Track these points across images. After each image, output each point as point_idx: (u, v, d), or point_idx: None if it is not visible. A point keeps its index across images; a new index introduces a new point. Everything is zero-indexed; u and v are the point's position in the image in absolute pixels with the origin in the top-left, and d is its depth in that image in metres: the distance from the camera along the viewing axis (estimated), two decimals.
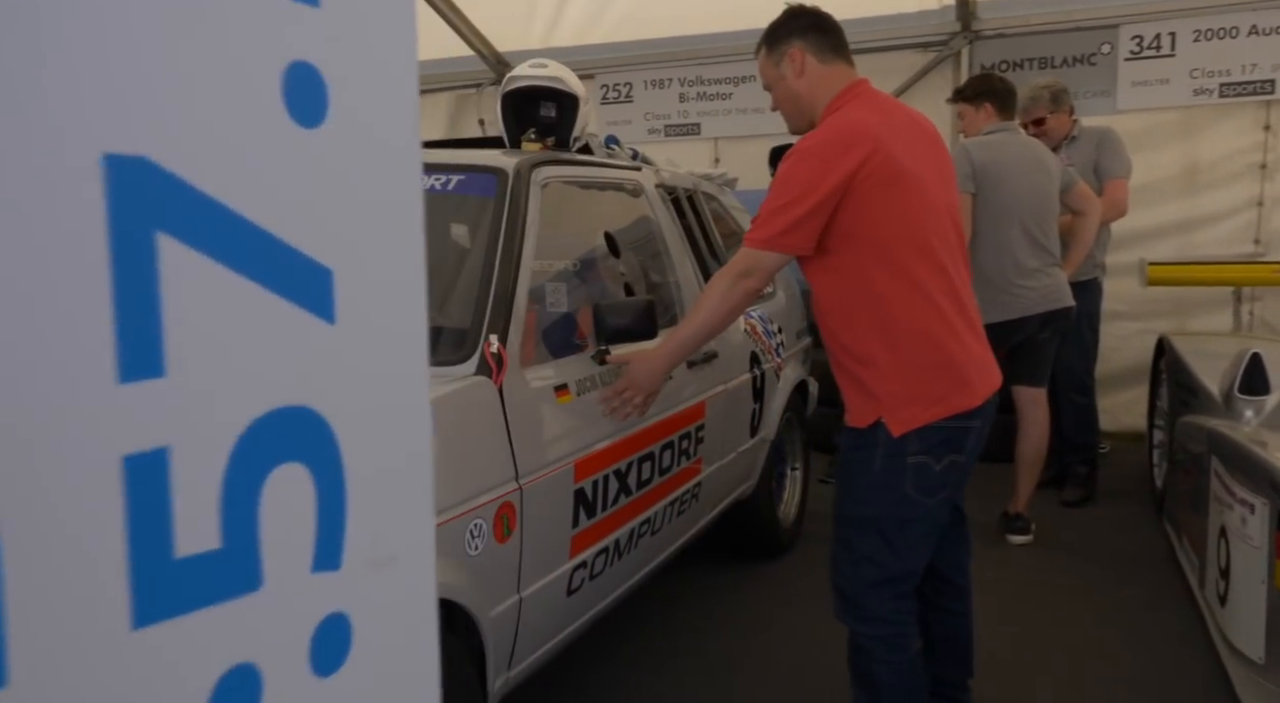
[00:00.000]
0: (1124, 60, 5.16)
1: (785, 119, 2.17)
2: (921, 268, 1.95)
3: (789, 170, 1.96)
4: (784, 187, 1.96)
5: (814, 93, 2.08)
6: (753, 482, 3.40)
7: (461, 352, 1.89)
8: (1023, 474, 3.77)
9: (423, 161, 2.01)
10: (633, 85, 6.46)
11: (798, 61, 2.07)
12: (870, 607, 2.03)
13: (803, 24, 2.10)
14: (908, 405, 1.94)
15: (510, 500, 1.84)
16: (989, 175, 3.53)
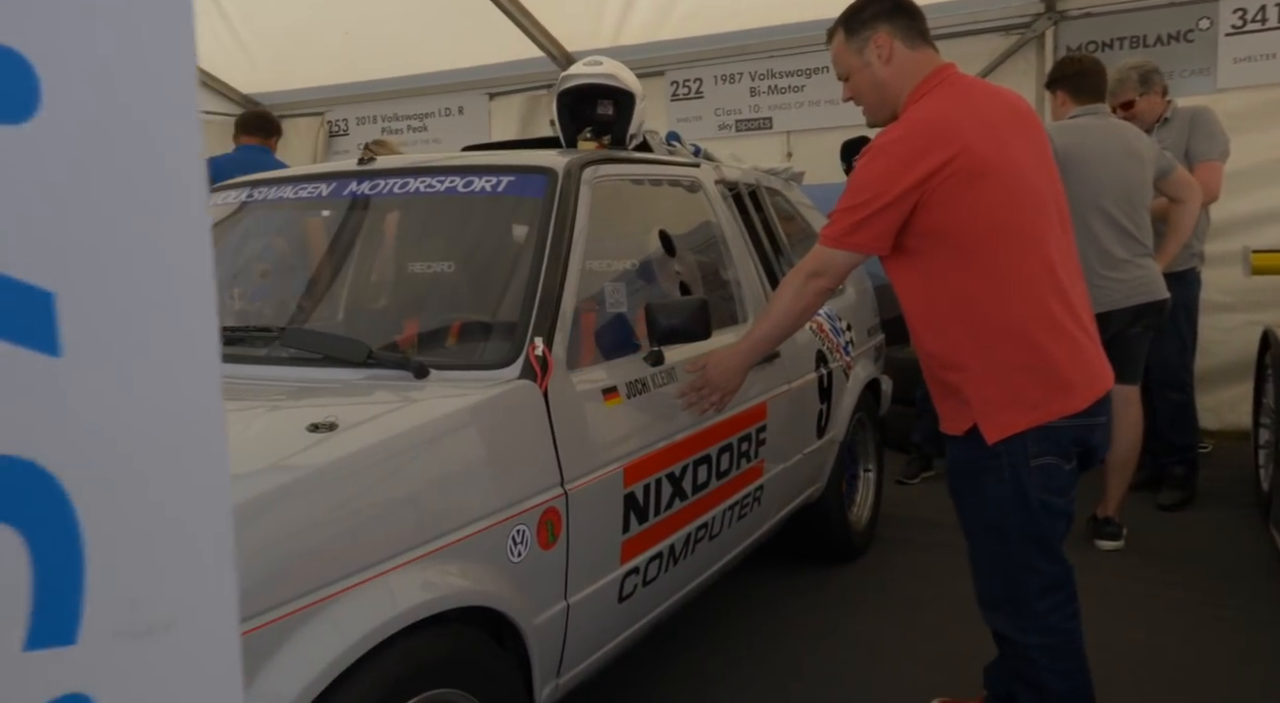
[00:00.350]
0: (1225, 35, 4.85)
1: (865, 111, 2.07)
2: (1021, 264, 1.86)
3: (865, 168, 1.91)
4: (859, 185, 1.91)
5: (900, 81, 1.98)
6: (821, 484, 3.30)
7: (506, 355, 1.87)
8: (1113, 476, 3.57)
9: (473, 164, 1.99)
10: (703, 81, 6.39)
11: (885, 48, 1.97)
12: (1036, 617, 1.97)
13: (887, 7, 1.99)
14: (1004, 410, 1.87)
15: (555, 506, 1.81)
16: (1071, 161, 3.34)
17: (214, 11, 6.60)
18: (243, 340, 2.02)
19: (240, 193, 2.57)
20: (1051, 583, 1.97)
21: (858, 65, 2.00)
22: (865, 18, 1.99)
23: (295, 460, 1.43)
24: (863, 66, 1.99)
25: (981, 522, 2.00)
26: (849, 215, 1.92)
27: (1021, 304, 1.86)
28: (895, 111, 2.00)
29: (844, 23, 2.03)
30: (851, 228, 1.91)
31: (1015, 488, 1.91)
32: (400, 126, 7.48)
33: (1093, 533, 3.62)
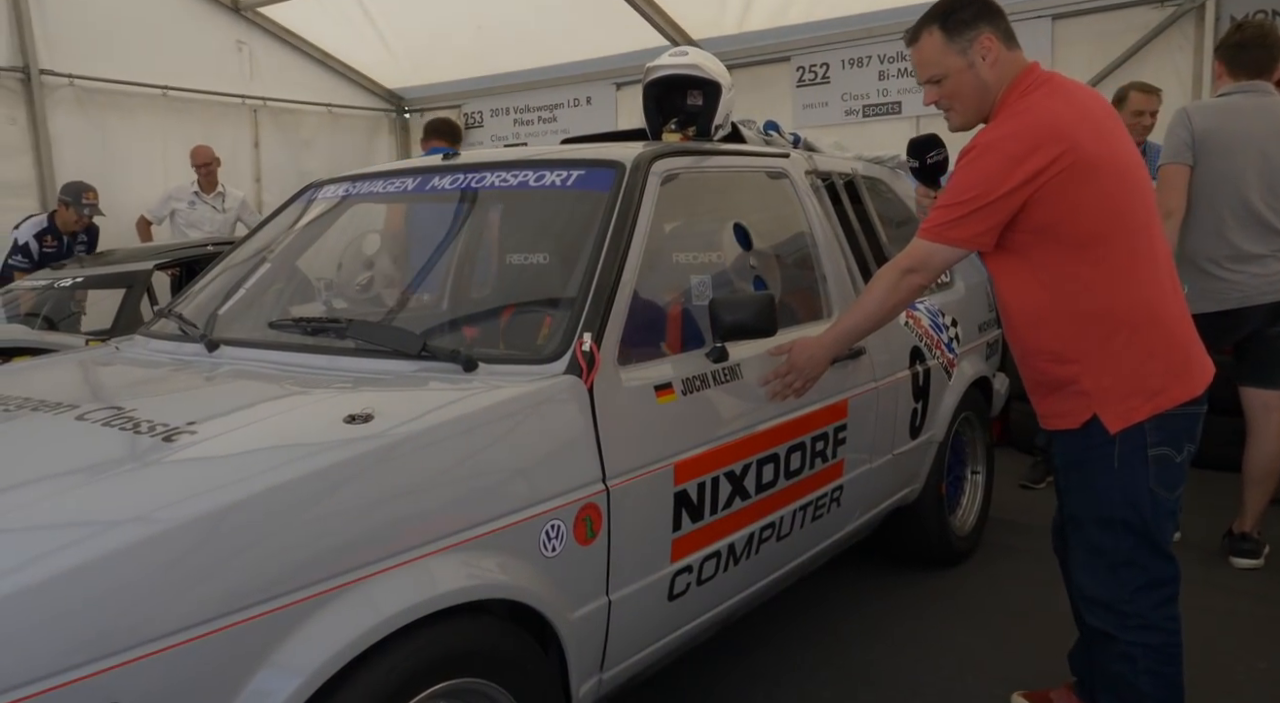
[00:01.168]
0: None
1: (956, 114, 2.02)
2: (1137, 252, 1.89)
3: (972, 164, 1.89)
4: (966, 181, 1.89)
5: (999, 83, 1.95)
6: (918, 486, 3.17)
7: (554, 350, 1.89)
8: (1251, 489, 3.27)
9: (547, 158, 2.03)
10: (829, 65, 6.23)
11: (991, 49, 1.94)
12: (1139, 614, 1.94)
13: (985, 7, 1.96)
14: (1125, 399, 1.88)
15: (595, 502, 1.81)
16: (1209, 145, 3.06)
17: (361, 15, 6.95)
18: (321, 331, 2.13)
19: (338, 188, 2.70)
20: (1157, 579, 1.95)
21: (960, 67, 1.95)
22: (966, 18, 1.94)
23: (324, 450, 1.50)
24: (965, 68, 1.94)
25: (1091, 513, 1.97)
26: (952, 210, 1.91)
27: (1138, 291, 1.88)
28: (985, 114, 1.98)
29: (940, 22, 1.96)
30: (954, 223, 1.90)
31: (1129, 479, 1.90)
32: (531, 117, 7.67)
33: (1228, 550, 3.33)
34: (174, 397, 1.97)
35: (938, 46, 1.96)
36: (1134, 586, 1.94)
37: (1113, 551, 1.95)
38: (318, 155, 7.62)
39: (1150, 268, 1.90)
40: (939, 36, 1.95)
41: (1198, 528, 3.55)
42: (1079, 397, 1.91)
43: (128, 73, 6.31)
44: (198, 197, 6.05)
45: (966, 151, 1.92)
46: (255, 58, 7.14)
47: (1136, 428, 1.88)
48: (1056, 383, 1.95)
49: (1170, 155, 3.14)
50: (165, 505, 1.34)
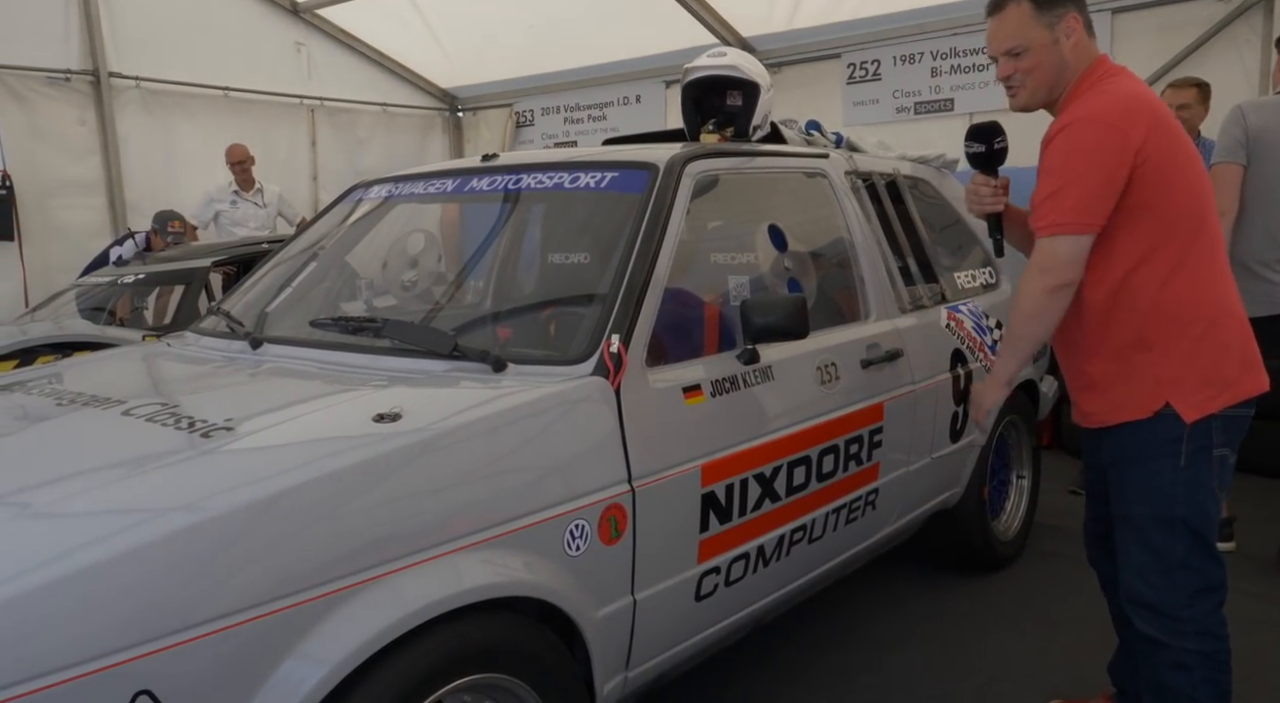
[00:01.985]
0: None
1: (1027, 91, 1.96)
2: (1216, 243, 1.91)
3: (1072, 142, 1.83)
4: (1070, 160, 1.84)
5: (1076, 66, 1.94)
6: (959, 490, 3.14)
7: (582, 351, 1.91)
8: None
9: (582, 160, 2.06)
10: (880, 62, 6.16)
11: (1076, 30, 1.92)
12: (1195, 620, 1.90)
13: None
14: (1200, 388, 1.85)
15: (620, 502, 1.83)
16: (1263, 143, 2.97)
17: (415, 15, 7.06)
18: (359, 330, 2.18)
19: (382, 189, 2.76)
20: (1211, 584, 1.92)
21: (1045, 42, 1.91)
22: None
23: (351, 448, 1.54)
24: (1050, 44, 1.91)
25: (1151, 512, 1.91)
26: (1070, 191, 1.83)
27: (1217, 282, 1.89)
28: (1053, 98, 1.96)
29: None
30: (1080, 205, 1.82)
31: (1194, 476, 1.87)
32: (581, 116, 7.71)
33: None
34: (216, 394, 2.04)
35: (1026, 18, 1.91)
36: (1191, 590, 1.89)
37: (1169, 552, 1.90)
38: (373, 154, 7.76)
39: (1223, 261, 1.93)
40: (1028, 8, 1.90)
41: (1256, 538, 3.45)
42: (1152, 385, 1.87)
43: (191, 74, 6.51)
44: (238, 195, 6.20)
45: (1058, 132, 1.86)
46: (313, 58, 7.30)
47: (1204, 424, 1.85)
48: (1126, 373, 1.91)
49: (1223, 154, 3.07)
50: (195, 501, 1.39)
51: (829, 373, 2.43)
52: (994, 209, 2.12)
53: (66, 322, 4.16)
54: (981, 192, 2.11)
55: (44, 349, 3.80)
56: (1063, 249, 1.86)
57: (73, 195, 6.10)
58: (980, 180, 2.11)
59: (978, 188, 2.12)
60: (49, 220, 5.99)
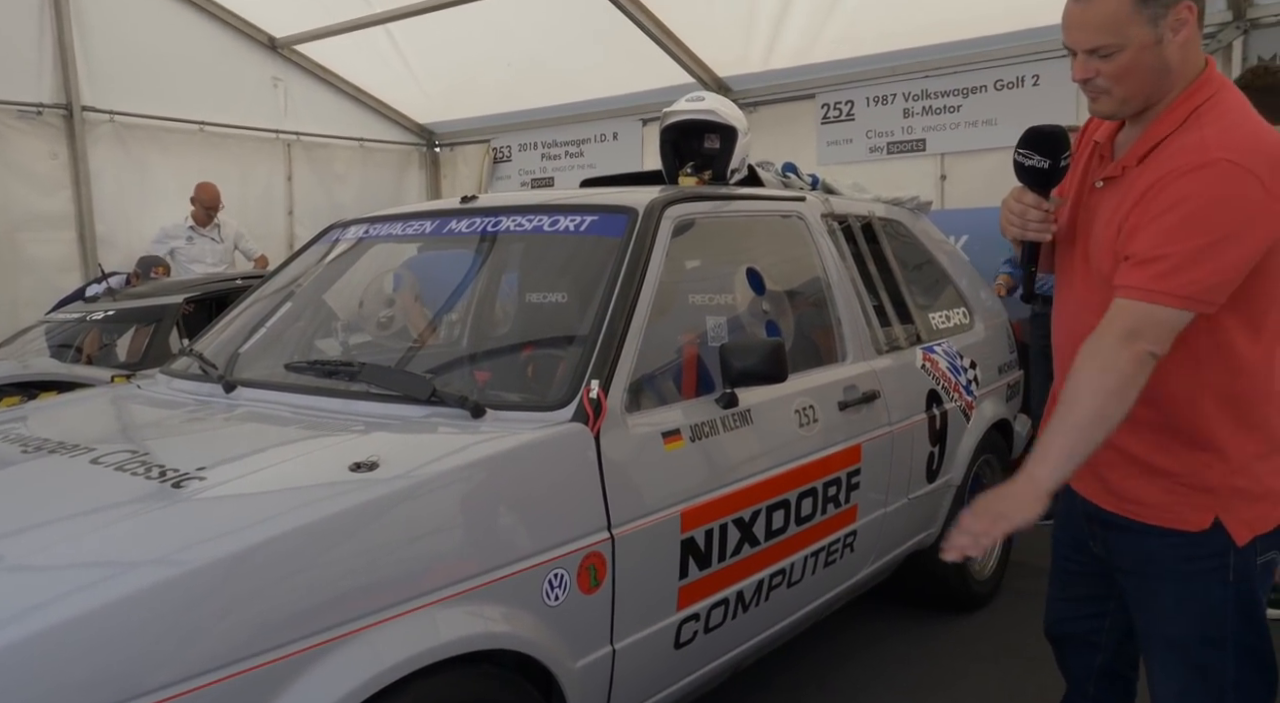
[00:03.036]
0: None
1: (1116, 99, 1.53)
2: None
3: (1223, 192, 1.41)
4: (1213, 213, 1.42)
5: (1183, 69, 1.50)
6: (935, 530, 3.14)
7: (562, 397, 1.90)
8: None
9: (561, 203, 2.06)
10: (854, 102, 6.25)
11: (1188, 23, 1.48)
12: None
13: None
14: (1256, 502, 1.55)
15: (599, 551, 1.82)
16: None
17: (393, 52, 7.09)
18: (334, 374, 2.16)
19: (359, 229, 2.75)
20: (1264, 697, 1.64)
21: (1146, 40, 1.46)
22: None
23: (327, 499, 1.52)
24: (1153, 44, 1.47)
25: (1197, 633, 1.61)
26: (1209, 259, 1.41)
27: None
28: (1147, 107, 1.54)
29: None
30: (1215, 279, 1.42)
31: (1246, 593, 1.58)
32: (558, 152, 7.75)
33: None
34: (188, 440, 2.01)
35: (1125, 10, 1.46)
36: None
37: (1220, 674, 1.62)
38: (350, 189, 7.75)
39: None
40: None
41: None
42: (1200, 494, 1.56)
43: (166, 109, 6.48)
44: (194, 231, 6.13)
45: (1196, 169, 1.43)
46: (290, 93, 7.30)
47: (1260, 537, 1.56)
48: (1167, 469, 1.58)
49: None
50: (166, 555, 1.36)
51: (807, 415, 2.44)
52: (1041, 237, 1.68)
53: (33, 360, 4.09)
54: (1030, 215, 1.66)
55: (10, 388, 3.73)
56: (1168, 322, 1.44)
57: (42, 229, 6.03)
58: (1031, 201, 1.66)
59: (1026, 209, 1.67)
60: (18, 255, 5.91)
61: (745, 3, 5.69)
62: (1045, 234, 1.69)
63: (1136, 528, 1.63)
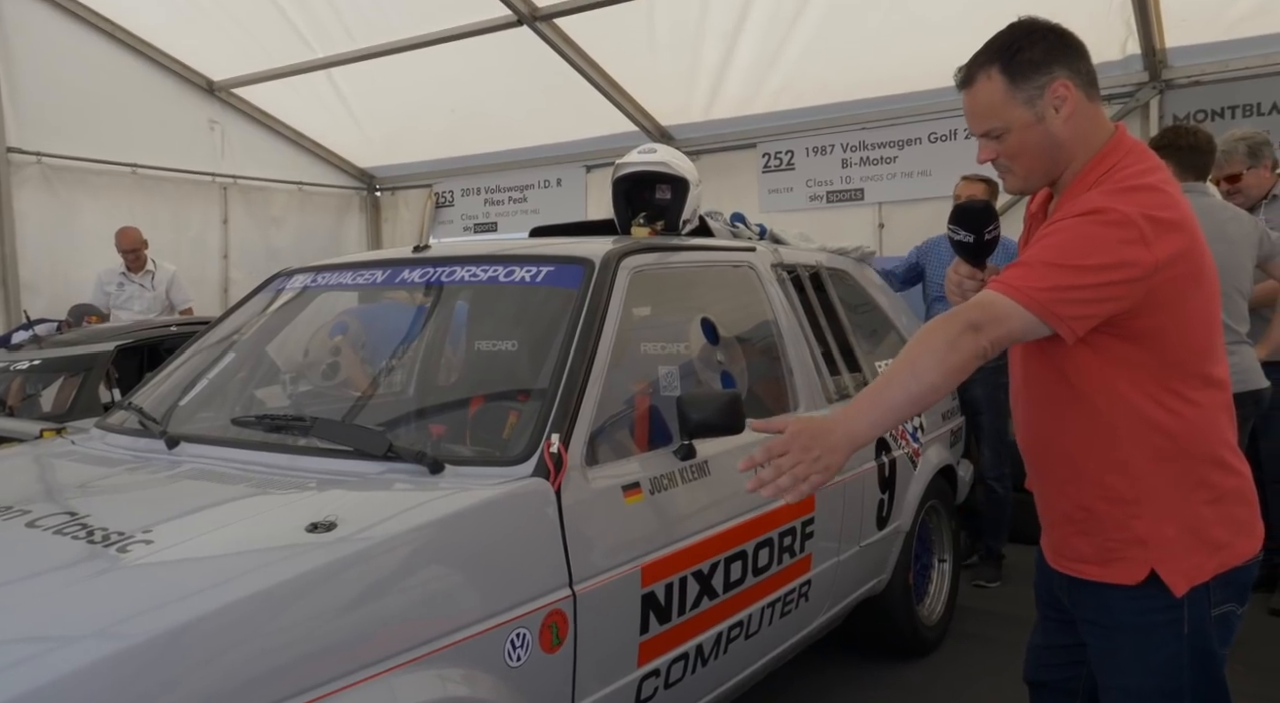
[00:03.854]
0: None
1: (1018, 174, 1.61)
2: (1219, 381, 1.57)
3: (1096, 230, 1.46)
4: (1085, 243, 1.46)
5: (1076, 142, 1.56)
6: (885, 576, 3.16)
7: (521, 452, 1.88)
8: None
9: (517, 254, 2.04)
10: (794, 152, 6.39)
11: (1067, 98, 1.53)
12: None
13: (1058, 43, 1.56)
14: (1189, 554, 1.56)
15: (561, 608, 1.79)
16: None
17: (334, 97, 7.05)
18: (286, 428, 2.10)
19: (306, 278, 2.70)
20: None
21: (1027, 120, 1.54)
22: (1036, 58, 1.54)
23: (284, 561, 1.47)
24: (1034, 122, 1.54)
25: (1155, 687, 1.61)
26: (1067, 274, 1.45)
27: (1215, 427, 1.56)
28: (1056, 176, 1.61)
29: (1002, 62, 1.55)
30: (1067, 295, 1.45)
31: (1200, 645, 1.58)
32: (502, 198, 7.76)
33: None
34: (130, 500, 1.92)
35: (999, 94, 1.55)
36: None
37: None
38: (288, 233, 7.63)
39: (1225, 400, 1.60)
40: (1000, 81, 1.55)
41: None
42: (1133, 546, 1.58)
43: (97, 151, 6.31)
44: (126, 277, 5.95)
45: (1091, 213, 1.47)
46: (227, 136, 7.19)
47: (1202, 587, 1.57)
48: (1099, 524, 1.61)
49: None
50: (110, 626, 1.30)
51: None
52: None
53: None
54: (966, 286, 1.76)
55: None
56: (1015, 323, 1.46)
57: None
58: (966, 272, 1.76)
59: (962, 280, 1.76)
60: None
61: (688, 54, 5.80)
62: None
63: (1093, 588, 1.64)
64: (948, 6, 4.89)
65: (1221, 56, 4.82)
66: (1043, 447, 1.68)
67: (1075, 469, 1.61)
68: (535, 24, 5.59)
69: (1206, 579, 1.56)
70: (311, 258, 2.86)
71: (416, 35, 5.96)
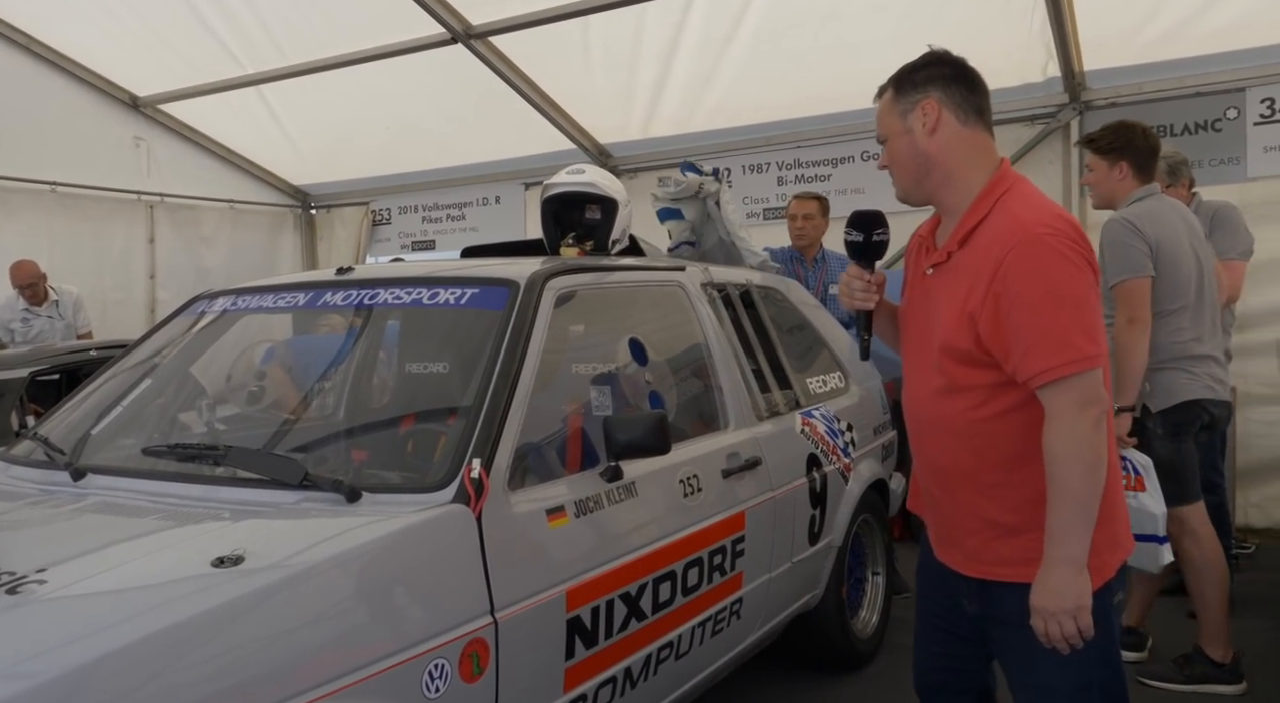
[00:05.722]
0: (1253, 125, 4.74)
1: (897, 181, 1.80)
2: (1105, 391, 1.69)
3: (1058, 269, 1.60)
4: (1065, 285, 1.60)
5: (947, 160, 1.72)
6: (818, 591, 3.18)
7: (442, 477, 1.85)
8: (1137, 583, 3.37)
9: (441, 276, 2.01)
10: (731, 170, 6.45)
11: (932, 116, 1.71)
12: None
13: (945, 72, 1.73)
14: (1099, 552, 1.65)
15: (482, 636, 1.76)
16: (1165, 254, 3.03)
17: (265, 113, 6.93)
18: (198, 457, 2.04)
19: (227, 301, 2.64)
20: None
21: (899, 130, 1.74)
22: (919, 79, 1.73)
23: (187, 599, 1.42)
24: (903, 132, 1.74)
25: (1069, 682, 1.71)
26: (1086, 316, 1.60)
27: (1108, 434, 1.67)
28: (932, 196, 1.76)
29: (895, 81, 1.78)
30: (1097, 336, 1.62)
31: (1106, 637, 1.69)
32: (440, 215, 7.69)
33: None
34: (27, 537, 1.84)
35: (885, 106, 1.78)
36: None
37: None
38: (218, 252, 7.46)
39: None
40: (890, 95, 1.77)
41: None
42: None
43: (13, 169, 6.11)
44: (30, 312, 5.70)
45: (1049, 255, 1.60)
46: (153, 153, 7.02)
47: (1109, 582, 1.70)
48: (1017, 527, 1.69)
49: (1135, 269, 2.99)
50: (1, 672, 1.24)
51: (691, 485, 2.45)
52: (865, 307, 1.90)
53: None
54: (854, 286, 1.89)
55: None
56: (1098, 378, 1.61)
57: None
58: (855, 273, 1.90)
59: (851, 281, 1.90)
60: None
61: (625, 73, 5.84)
62: (869, 303, 1.90)
63: (1007, 591, 1.71)
64: (876, 29, 4.99)
65: (1136, 79, 5.00)
66: (968, 461, 1.74)
67: (1004, 471, 1.70)
68: (470, 42, 5.57)
69: (1111, 575, 1.69)
70: (244, 277, 2.80)
71: (349, 52, 5.90)
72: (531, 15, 5.27)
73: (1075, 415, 1.59)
